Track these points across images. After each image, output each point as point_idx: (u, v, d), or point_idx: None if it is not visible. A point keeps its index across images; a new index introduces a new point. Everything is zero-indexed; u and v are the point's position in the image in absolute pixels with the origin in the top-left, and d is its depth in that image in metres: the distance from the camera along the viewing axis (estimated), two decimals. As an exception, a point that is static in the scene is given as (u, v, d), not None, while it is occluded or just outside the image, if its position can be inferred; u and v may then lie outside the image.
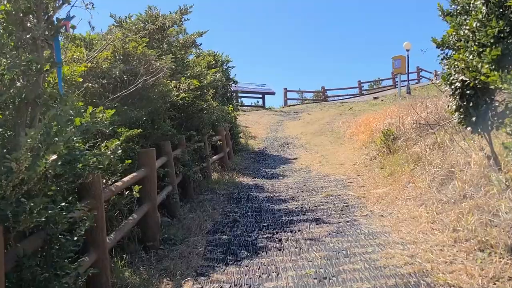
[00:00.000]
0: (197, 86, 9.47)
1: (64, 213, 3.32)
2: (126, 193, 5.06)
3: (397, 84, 31.40)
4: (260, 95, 31.80)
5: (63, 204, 3.39)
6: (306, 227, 6.56)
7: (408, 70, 26.49)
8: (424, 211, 6.30)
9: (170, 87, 7.77)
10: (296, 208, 7.85)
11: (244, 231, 6.61)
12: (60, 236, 3.18)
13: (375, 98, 26.63)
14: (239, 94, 30.60)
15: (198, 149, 10.20)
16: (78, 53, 6.44)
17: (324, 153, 14.31)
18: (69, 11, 3.57)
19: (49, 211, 2.94)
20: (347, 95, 33.66)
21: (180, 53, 9.49)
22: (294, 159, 14.28)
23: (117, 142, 4.92)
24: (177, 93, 7.72)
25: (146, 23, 8.87)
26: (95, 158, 3.70)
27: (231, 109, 14.92)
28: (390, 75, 34.32)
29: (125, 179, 5.13)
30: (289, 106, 31.19)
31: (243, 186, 10.26)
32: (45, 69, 3.37)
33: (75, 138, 3.80)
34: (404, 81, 26.91)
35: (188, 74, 9.65)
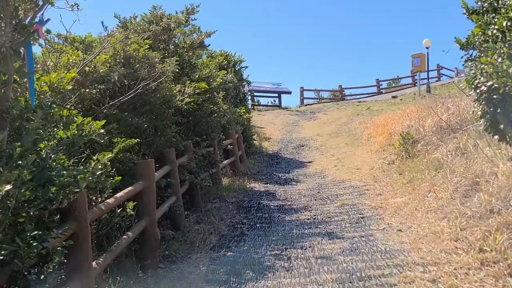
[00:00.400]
0: (206, 88, 9.06)
1: (35, 244, 2.92)
2: (119, 210, 4.64)
3: (416, 83, 30.71)
4: (276, 95, 31.31)
5: (35, 233, 3.00)
6: (318, 242, 6.09)
7: (428, 68, 25.71)
8: (446, 226, 5.78)
9: (175, 91, 7.35)
10: (308, 219, 7.38)
11: (251, 246, 6.17)
12: (27, 272, 2.78)
13: (393, 97, 25.95)
14: (255, 94, 30.20)
15: (207, 155, 9.79)
16: (74, 57, 6.06)
17: (340, 156, 13.79)
18: (42, 14, 3.16)
19: (9, 247, 2.53)
20: (365, 94, 32.98)
21: (188, 54, 9.08)
22: (309, 162, 13.78)
23: (110, 155, 4.52)
24: (181, 98, 7.29)
25: (151, 23, 8.46)
26: (73, 179, 3.27)
27: (243, 111, 14.46)
28: (409, 73, 33.60)
29: (119, 194, 4.72)
30: (306, 105, 30.62)
31: (254, 193, 9.82)
32: (13, 80, 2.98)
33: (53, 156, 3.40)
34: (424, 79, 26.16)
35: (196, 76, 9.24)
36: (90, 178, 3.45)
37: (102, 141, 5.34)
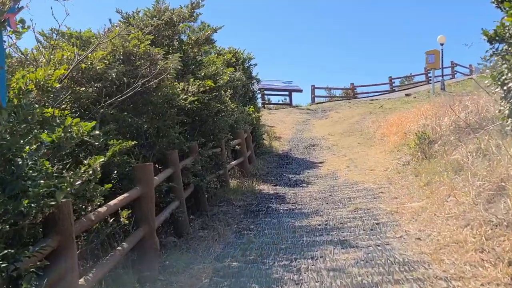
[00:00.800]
0: (212, 87, 8.65)
1: (4, 265, 2.54)
2: (111, 220, 4.23)
3: (430, 80, 30.07)
4: (287, 93, 30.85)
5: (6, 251, 2.61)
6: (329, 251, 5.65)
7: (442, 65, 25.11)
8: (469, 235, 5.32)
9: (178, 89, 6.95)
10: (319, 225, 6.94)
11: (259, 255, 5.74)
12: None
13: (407, 95, 25.36)
14: (266, 92, 29.79)
15: (214, 156, 9.39)
16: (69, 53, 5.69)
17: (353, 156, 13.32)
18: (17, 3, 2.76)
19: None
20: (377, 91, 32.38)
21: (193, 51, 8.67)
22: (320, 163, 13.33)
23: (102, 159, 4.14)
24: (185, 97, 6.89)
25: (154, 18, 8.07)
26: (53, 189, 2.88)
27: (252, 110, 14.03)
28: (423, 71, 32.99)
29: (112, 202, 4.32)
30: (317, 103, 30.11)
31: (262, 196, 9.40)
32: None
33: (30, 163, 3.01)
34: (438, 76, 25.51)
35: (202, 74, 8.84)
36: (69, 189, 3.04)
37: (97, 143, 4.97)
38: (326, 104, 29.19)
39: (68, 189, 3.04)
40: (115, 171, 5.15)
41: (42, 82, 4.12)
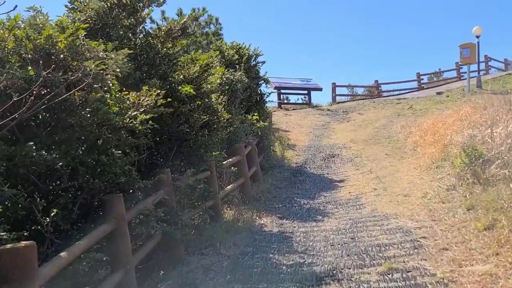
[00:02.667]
0: (192, 94, 6.46)
1: None
2: None
3: (462, 76, 27.56)
4: (306, 91, 28.49)
5: None
6: None
7: (478, 59, 22.46)
8: None
9: (128, 103, 4.73)
10: (336, 304, 4.64)
11: None
12: None
13: (438, 93, 22.73)
14: (282, 91, 27.61)
15: (199, 183, 7.17)
16: None
17: (380, 173, 10.91)
18: None
19: None
20: (404, 89, 29.71)
21: (165, 46, 6.43)
22: (340, 181, 10.95)
23: None
24: (134, 114, 4.63)
25: (106, 2, 5.87)
26: None
27: (255, 118, 11.60)
28: (453, 66, 30.36)
29: None
30: (338, 103, 27.61)
31: (262, 238, 7.10)
32: None
33: None
34: (473, 71, 22.89)
35: (181, 77, 6.63)
36: None
37: None
38: (348, 103, 26.69)
39: None
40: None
41: None
